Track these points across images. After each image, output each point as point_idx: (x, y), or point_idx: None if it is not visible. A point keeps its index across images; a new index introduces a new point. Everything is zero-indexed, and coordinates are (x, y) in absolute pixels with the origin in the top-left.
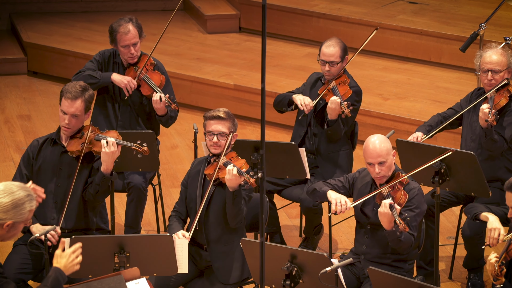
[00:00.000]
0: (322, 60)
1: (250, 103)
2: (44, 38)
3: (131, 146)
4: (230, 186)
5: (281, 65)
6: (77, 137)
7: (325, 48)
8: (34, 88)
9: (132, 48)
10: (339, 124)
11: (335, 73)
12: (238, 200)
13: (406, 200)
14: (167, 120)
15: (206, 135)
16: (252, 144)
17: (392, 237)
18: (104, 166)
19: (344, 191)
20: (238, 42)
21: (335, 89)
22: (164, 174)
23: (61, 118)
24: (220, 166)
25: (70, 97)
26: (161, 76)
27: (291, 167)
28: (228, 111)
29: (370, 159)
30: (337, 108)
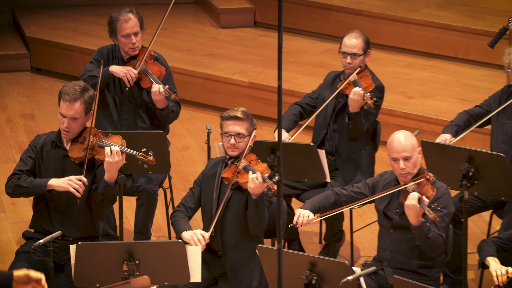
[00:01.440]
0: (344, 51)
1: (266, 101)
2: (48, 33)
3: (136, 155)
4: (254, 194)
5: (299, 62)
6: (79, 142)
7: (347, 39)
8: (38, 86)
9: (133, 37)
10: (361, 118)
11: (357, 66)
12: (262, 208)
13: (433, 195)
14: (168, 114)
15: (223, 136)
16: (269, 145)
17: (420, 234)
18: (108, 175)
19: (362, 197)
20: (253, 37)
21: (357, 81)
22: (176, 176)
23: (60, 121)
24: (240, 170)
25: (68, 99)
26: (160, 67)
27: (310, 170)
28: (246, 110)
29: (395, 154)
30: (359, 99)
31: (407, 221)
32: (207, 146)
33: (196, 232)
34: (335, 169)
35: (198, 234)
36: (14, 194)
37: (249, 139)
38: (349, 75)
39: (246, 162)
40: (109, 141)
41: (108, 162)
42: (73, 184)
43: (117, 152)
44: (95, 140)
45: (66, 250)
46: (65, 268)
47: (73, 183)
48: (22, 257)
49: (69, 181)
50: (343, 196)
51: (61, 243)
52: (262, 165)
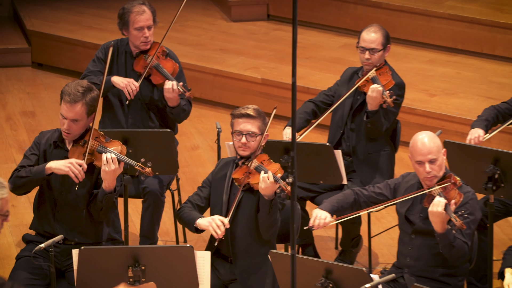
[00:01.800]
0: (362, 47)
1: (279, 99)
2: (50, 26)
3: (134, 165)
4: (265, 195)
5: (314, 57)
6: (80, 145)
7: (365, 33)
8: (39, 82)
9: (147, 31)
10: (380, 116)
11: (376, 63)
12: (274, 210)
13: (460, 200)
14: (179, 112)
15: (234, 135)
16: (282, 145)
17: (445, 242)
18: (106, 183)
19: (383, 198)
20: (266, 31)
21: (376, 78)
22: (184, 178)
23: (61, 122)
24: (251, 171)
25: (69, 100)
26: (174, 64)
27: (325, 171)
28: (258, 108)
29: (420, 157)
30: (378, 96)
31: (430, 226)
32: (217, 146)
33: (214, 218)
34: (352, 171)
35: (217, 220)
36: (15, 188)
37: (261, 139)
38: (367, 71)
39: (258, 162)
40: (109, 147)
41: (104, 170)
42: (73, 169)
43: (114, 160)
44: (95, 144)
45: (68, 255)
46: (67, 274)
47: (73, 167)
48: (22, 264)
49: (70, 164)
50: (363, 197)
51: (63, 247)
52: (275, 165)
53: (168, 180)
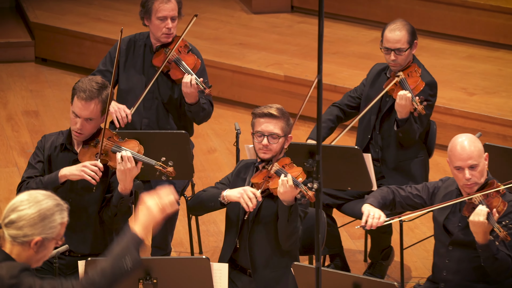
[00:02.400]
0: (386, 47)
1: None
2: (55, 18)
3: (153, 164)
4: (284, 200)
5: (342, 53)
6: (91, 145)
7: (388, 33)
8: (43, 79)
9: (170, 22)
10: (411, 124)
11: (403, 63)
12: (294, 217)
13: (504, 210)
14: (198, 111)
15: (255, 136)
16: (306, 148)
17: (487, 254)
18: (121, 185)
19: (420, 201)
20: (290, 24)
21: (404, 81)
22: (200, 183)
23: (72, 121)
24: (271, 175)
25: (84, 97)
26: (196, 59)
27: (353, 177)
28: (282, 108)
29: (459, 162)
30: (407, 104)
31: (469, 237)
32: (235, 148)
33: (246, 189)
34: (382, 177)
35: (249, 191)
36: None
37: (284, 141)
38: (395, 72)
39: (278, 166)
40: (125, 146)
41: (119, 170)
42: (88, 171)
43: (129, 159)
44: (109, 144)
45: (74, 268)
46: None
47: (88, 169)
48: None
49: (84, 167)
50: (399, 196)
51: (68, 259)
52: (297, 169)
53: (182, 185)
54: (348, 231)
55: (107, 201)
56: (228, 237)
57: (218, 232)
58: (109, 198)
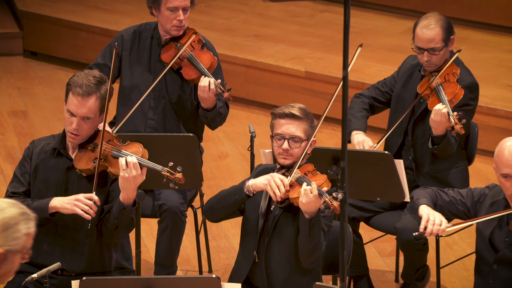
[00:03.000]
0: (418, 47)
1: (327, 97)
2: (46, 6)
3: (160, 170)
4: (306, 211)
5: (371, 45)
6: (88, 149)
7: (420, 30)
8: (33, 75)
9: (182, 13)
10: (448, 141)
11: (438, 62)
12: (316, 231)
13: None
14: (214, 117)
15: (274, 139)
16: (330, 154)
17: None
18: (124, 195)
19: (463, 209)
20: (312, 13)
21: (439, 91)
22: (209, 193)
23: (67, 121)
24: (292, 183)
25: (80, 93)
26: (211, 57)
27: (383, 186)
28: (305, 108)
29: (507, 169)
30: (443, 120)
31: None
32: (250, 154)
33: (273, 175)
34: (415, 186)
35: (277, 178)
36: None
37: (306, 145)
38: (430, 72)
39: (300, 173)
40: (127, 150)
41: (123, 177)
42: (81, 205)
43: (135, 165)
44: (108, 147)
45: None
46: None
47: (81, 204)
48: None
49: (76, 201)
50: (441, 200)
51: (60, 279)
52: (321, 176)
53: (190, 195)
54: (377, 247)
55: (106, 212)
56: (244, 250)
57: (230, 248)
58: (108, 209)
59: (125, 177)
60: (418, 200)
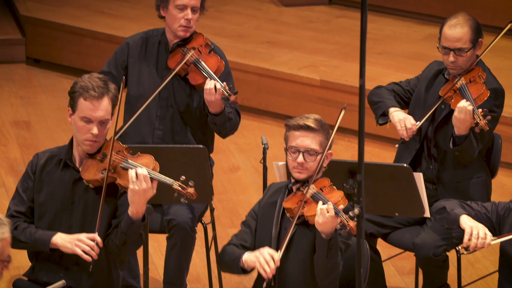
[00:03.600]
0: (444, 47)
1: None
2: (50, 11)
3: (171, 184)
4: (323, 232)
5: (390, 52)
6: (97, 159)
7: (448, 29)
8: (36, 83)
9: (190, 13)
10: (470, 142)
11: (464, 65)
12: (334, 252)
13: None
14: (224, 122)
15: (288, 152)
16: (346, 166)
17: None
18: (133, 209)
19: (488, 224)
20: (328, 19)
21: (464, 89)
22: (220, 207)
23: (83, 130)
24: (307, 199)
25: (95, 95)
26: (218, 60)
27: (402, 201)
28: (321, 119)
29: None
30: (467, 118)
31: None
32: (262, 166)
33: (262, 251)
34: (435, 201)
35: (266, 254)
36: (12, 247)
37: (322, 158)
38: (454, 76)
39: (316, 189)
40: (137, 162)
41: (133, 190)
42: (83, 246)
43: (145, 177)
44: (118, 158)
45: None
46: None
47: (82, 244)
48: None
49: (78, 241)
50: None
51: None
52: (337, 193)
53: (200, 210)
54: (395, 265)
55: (114, 227)
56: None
57: None
58: (116, 224)
59: (134, 190)
60: (454, 210)
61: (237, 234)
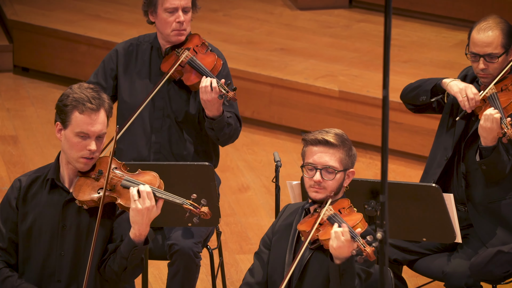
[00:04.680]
0: (473, 52)
1: (364, 120)
2: (40, 15)
3: (181, 204)
4: (337, 257)
5: (416, 61)
6: (91, 177)
7: (477, 33)
8: (24, 94)
9: (182, 14)
10: (499, 154)
11: (495, 73)
12: (348, 279)
13: None
14: (222, 127)
15: (305, 169)
16: (368, 186)
17: None
18: (136, 230)
19: None
20: (347, 24)
21: (494, 98)
22: (228, 231)
23: (78, 146)
24: (323, 221)
25: (92, 108)
26: (215, 59)
27: (430, 224)
28: (342, 133)
29: None
30: (494, 127)
31: None
32: (275, 186)
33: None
34: (467, 225)
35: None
36: None
37: (342, 176)
38: (485, 85)
39: (333, 211)
40: (139, 180)
41: (135, 209)
42: None
43: (148, 194)
44: (117, 176)
45: None
46: None
47: None
48: None
49: None
50: None
51: None
52: (356, 215)
53: (206, 234)
54: None
55: (111, 252)
56: None
57: None
58: (113, 248)
59: (137, 209)
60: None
61: (251, 270)
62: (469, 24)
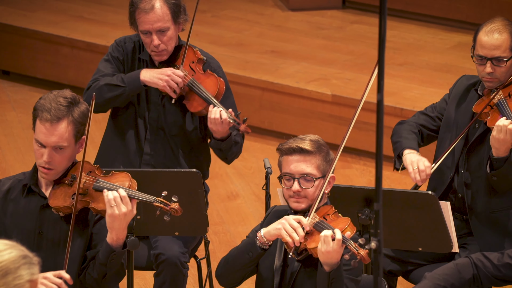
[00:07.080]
0: (480, 56)
1: (358, 125)
2: (21, 16)
3: (152, 201)
4: (326, 263)
5: (412, 63)
6: (66, 184)
7: (484, 35)
8: (4, 98)
9: (156, 37)
10: (511, 165)
11: (503, 77)
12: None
13: None
14: (230, 147)
15: (283, 180)
16: (362, 194)
17: None
18: (113, 235)
19: None
20: (341, 25)
21: (503, 105)
22: (216, 240)
23: (37, 154)
24: (309, 230)
25: (48, 118)
26: (217, 81)
27: (426, 233)
28: (318, 139)
29: None
30: (507, 138)
31: None
32: (265, 193)
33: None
34: (466, 234)
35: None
36: None
37: (322, 183)
38: (490, 90)
39: (318, 218)
40: (111, 182)
41: (112, 215)
42: (49, 284)
43: (124, 199)
44: (90, 179)
45: None
46: None
47: (48, 283)
48: None
49: (44, 279)
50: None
51: None
52: (342, 220)
53: (193, 244)
54: None
55: (90, 260)
56: None
57: None
58: (92, 255)
59: (114, 215)
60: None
61: None
62: (466, 25)
